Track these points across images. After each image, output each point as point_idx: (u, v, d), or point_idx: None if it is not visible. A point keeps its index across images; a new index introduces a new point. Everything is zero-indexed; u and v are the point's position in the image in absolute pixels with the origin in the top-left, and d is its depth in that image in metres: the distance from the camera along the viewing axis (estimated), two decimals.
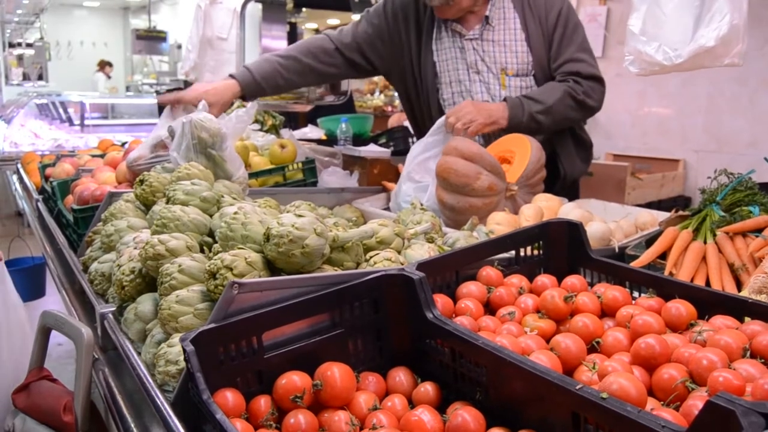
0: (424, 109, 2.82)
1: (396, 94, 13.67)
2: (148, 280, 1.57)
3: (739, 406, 0.78)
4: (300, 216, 1.38)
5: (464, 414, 1.10)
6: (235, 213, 1.48)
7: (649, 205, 2.49)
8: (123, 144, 4.08)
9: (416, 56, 2.76)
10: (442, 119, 2.46)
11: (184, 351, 1.10)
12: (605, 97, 2.63)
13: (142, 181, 1.97)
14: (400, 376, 1.28)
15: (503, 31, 2.60)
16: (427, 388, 1.23)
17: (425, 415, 1.11)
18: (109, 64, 15.60)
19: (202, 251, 1.58)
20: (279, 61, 2.79)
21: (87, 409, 1.57)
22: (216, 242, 1.53)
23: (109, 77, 15.46)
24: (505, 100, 2.52)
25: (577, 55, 2.55)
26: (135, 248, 1.66)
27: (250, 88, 2.72)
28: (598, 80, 2.59)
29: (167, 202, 1.77)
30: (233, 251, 1.36)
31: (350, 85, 3.08)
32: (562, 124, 2.61)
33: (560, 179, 2.65)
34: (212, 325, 1.15)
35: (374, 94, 14.10)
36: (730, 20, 2.00)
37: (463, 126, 2.39)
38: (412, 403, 1.22)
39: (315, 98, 2.67)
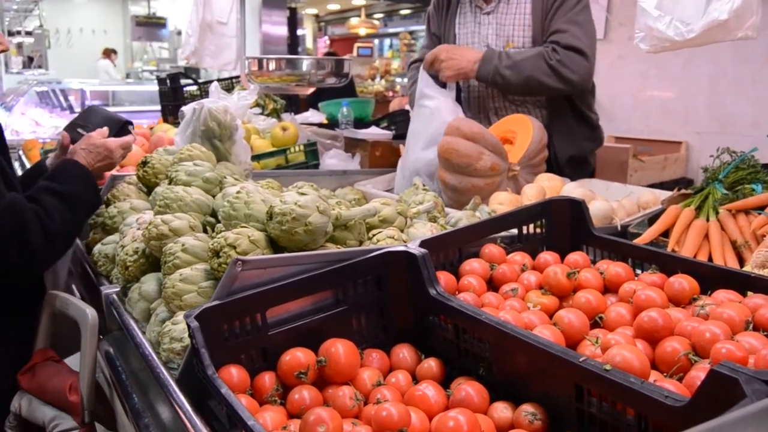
0: None
1: (396, 79, 13.60)
2: (152, 260, 1.58)
3: (742, 374, 0.78)
4: (303, 194, 1.39)
5: (468, 388, 1.10)
6: (238, 192, 1.48)
7: (651, 187, 2.48)
8: None
9: (445, 28, 2.86)
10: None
11: (189, 327, 1.10)
12: (608, 79, 2.59)
13: (144, 163, 1.97)
14: (404, 352, 1.28)
15: (515, 5, 2.63)
16: (431, 364, 1.24)
17: (429, 390, 1.12)
18: (114, 52, 15.56)
19: (205, 231, 1.58)
20: None
21: (92, 388, 1.58)
22: (219, 222, 1.53)
23: (114, 65, 15.43)
24: (487, 47, 2.56)
25: (562, 26, 2.51)
26: (138, 229, 1.66)
27: None
28: (579, 52, 2.49)
29: (170, 183, 1.77)
30: (236, 230, 1.37)
31: (351, 69, 3.06)
32: (533, 86, 2.53)
33: (551, 159, 2.58)
34: (216, 302, 1.16)
35: (375, 79, 14.08)
36: None
37: (433, 70, 2.54)
38: (416, 380, 1.23)
39: (317, 80, 2.66)
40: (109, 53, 15.36)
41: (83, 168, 1.88)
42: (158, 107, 4.49)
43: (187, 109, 2.19)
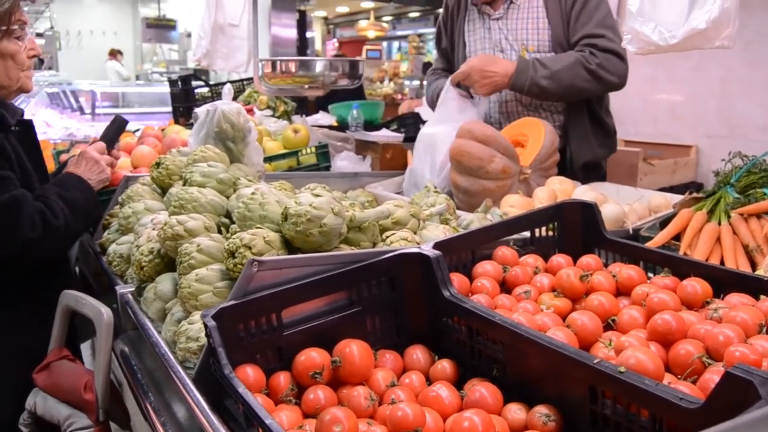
0: None
1: (405, 82, 13.59)
2: (167, 261, 1.59)
3: (756, 377, 0.79)
4: (317, 196, 1.40)
5: (482, 389, 1.11)
6: (253, 194, 1.49)
7: (661, 191, 2.48)
8: (135, 131, 4.10)
9: (456, 38, 2.88)
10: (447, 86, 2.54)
11: (206, 326, 1.11)
12: None
13: (158, 164, 1.99)
14: (418, 353, 1.29)
15: (527, 9, 2.63)
16: (444, 366, 1.25)
17: (443, 390, 1.13)
18: (120, 53, 15.65)
19: (219, 232, 1.59)
20: None
21: (107, 387, 1.59)
22: (233, 223, 1.55)
23: (122, 65, 15.52)
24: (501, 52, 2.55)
25: (595, 31, 2.51)
26: (153, 229, 1.68)
27: None
28: (617, 55, 2.51)
29: (184, 184, 1.79)
30: (252, 230, 1.38)
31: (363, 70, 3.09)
32: (572, 93, 2.54)
33: (566, 162, 2.61)
34: (233, 302, 1.17)
35: (384, 82, 14.09)
36: (721, 3, 2.01)
37: (466, 83, 2.53)
38: (429, 381, 1.23)
39: (330, 82, 2.68)
40: (115, 54, 15.44)
41: (85, 182, 2.06)
42: (168, 108, 4.51)
43: (200, 110, 2.21)
